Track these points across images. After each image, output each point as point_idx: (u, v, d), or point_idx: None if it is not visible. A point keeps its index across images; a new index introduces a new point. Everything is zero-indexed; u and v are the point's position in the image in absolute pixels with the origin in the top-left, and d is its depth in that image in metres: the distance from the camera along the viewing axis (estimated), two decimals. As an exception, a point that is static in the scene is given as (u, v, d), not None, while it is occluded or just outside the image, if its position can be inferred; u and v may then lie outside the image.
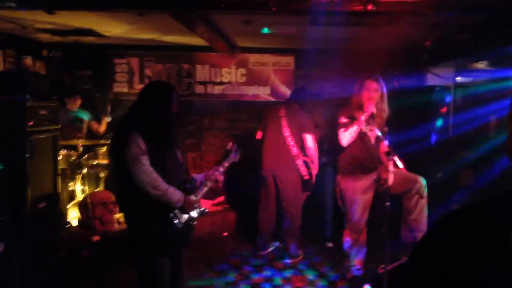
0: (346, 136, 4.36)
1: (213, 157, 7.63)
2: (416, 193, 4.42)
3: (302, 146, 5.29)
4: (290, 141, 5.21)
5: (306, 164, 5.26)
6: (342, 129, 4.38)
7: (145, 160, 3.02)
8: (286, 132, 5.21)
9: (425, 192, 4.46)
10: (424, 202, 4.49)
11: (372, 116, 4.28)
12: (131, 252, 3.27)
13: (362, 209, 4.54)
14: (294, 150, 5.20)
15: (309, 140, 5.24)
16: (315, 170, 5.34)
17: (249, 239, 5.71)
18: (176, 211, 3.18)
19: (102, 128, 7.02)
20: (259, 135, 5.55)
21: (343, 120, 4.42)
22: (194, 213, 3.29)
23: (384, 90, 4.46)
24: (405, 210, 4.55)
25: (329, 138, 5.94)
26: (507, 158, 1.16)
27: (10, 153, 4.14)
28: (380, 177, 4.50)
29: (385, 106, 4.49)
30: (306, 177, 5.25)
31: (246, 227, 6.08)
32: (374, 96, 4.37)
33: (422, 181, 4.47)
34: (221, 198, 6.81)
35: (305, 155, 5.30)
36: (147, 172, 3.01)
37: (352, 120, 4.33)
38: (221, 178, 3.54)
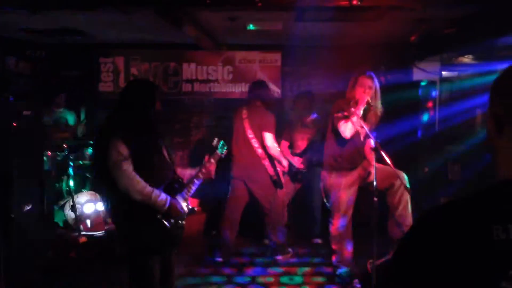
0: (348, 127, 4.32)
1: (201, 155, 7.57)
2: (399, 187, 4.43)
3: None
4: (255, 143, 5.15)
5: (272, 163, 5.22)
6: (342, 121, 4.35)
7: (127, 166, 2.96)
8: (250, 134, 5.16)
9: (407, 186, 4.47)
10: (408, 196, 4.50)
11: (368, 103, 4.29)
12: (119, 252, 3.25)
13: (347, 204, 4.55)
14: (260, 151, 5.15)
15: (268, 138, 5.12)
16: (283, 168, 5.30)
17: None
18: (164, 212, 3.14)
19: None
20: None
21: (339, 114, 4.39)
22: (182, 214, 3.26)
23: (378, 87, 4.46)
24: (390, 206, 4.56)
25: (319, 135, 5.92)
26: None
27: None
28: (366, 170, 4.51)
29: (379, 103, 4.48)
30: (274, 177, 5.23)
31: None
32: (368, 93, 4.36)
33: (404, 176, 4.47)
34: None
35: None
36: (129, 177, 2.96)
37: (347, 116, 4.32)
38: (213, 167, 3.52)
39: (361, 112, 4.28)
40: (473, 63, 7.45)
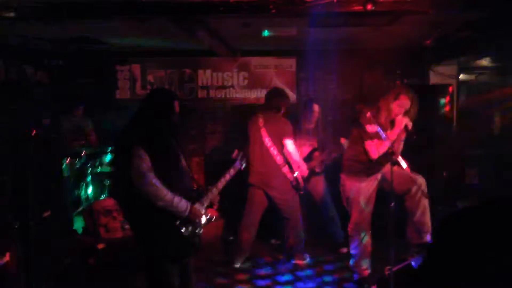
0: (377, 152, 4.29)
1: (216, 161, 7.59)
2: (417, 192, 4.38)
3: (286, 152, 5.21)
4: (273, 150, 5.13)
5: (292, 169, 5.20)
6: (373, 143, 4.28)
7: (150, 173, 3.02)
8: (268, 142, 5.14)
9: (426, 191, 4.41)
10: (426, 202, 4.44)
11: (405, 129, 4.23)
12: (138, 259, 3.27)
13: (366, 209, 4.52)
14: (279, 158, 5.14)
15: (289, 145, 5.12)
16: (303, 172, 5.27)
17: (255, 244, 5.67)
18: (183, 219, 3.17)
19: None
20: (234, 154, 5.46)
21: (371, 128, 4.24)
22: (200, 221, 3.28)
23: (416, 106, 4.37)
24: (408, 211, 4.51)
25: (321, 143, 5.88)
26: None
27: (14, 161, 4.15)
28: (384, 174, 4.47)
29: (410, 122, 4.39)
30: (294, 183, 5.21)
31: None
32: (403, 112, 4.29)
33: (422, 180, 4.43)
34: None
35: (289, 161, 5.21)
36: (151, 184, 3.01)
37: (376, 135, 4.25)
38: (216, 199, 3.51)
39: (395, 136, 4.18)
40: (491, 66, 7.39)
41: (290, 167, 5.19)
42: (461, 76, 7.44)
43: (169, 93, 3.46)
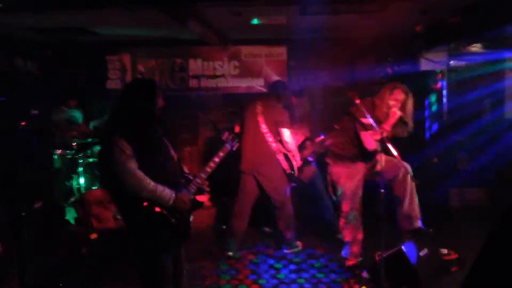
0: (373, 143, 4.34)
1: (209, 150, 7.61)
2: (404, 178, 4.42)
3: (281, 141, 5.24)
4: (269, 137, 5.16)
5: (287, 158, 5.22)
6: (368, 134, 4.33)
7: (131, 164, 2.99)
8: (264, 129, 5.17)
9: (412, 176, 4.46)
10: (413, 188, 4.48)
11: (401, 120, 4.26)
12: (131, 249, 3.27)
13: (353, 196, 4.54)
14: (274, 145, 5.16)
15: (286, 134, 5.17)
16: (297, 162, 5.30)
17: (247, 232, 5.70)
18: (170, 208, 3.16)
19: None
20: (237, 129, 5.51)
21: (365, 121, 4.28)
22: (188, 209, 3.27)
23: (411, 103, 4.42)
24: (396, 198, 4.55)
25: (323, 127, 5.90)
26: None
27: (3, 153, 4.14)
28: (372, 160, 4.50)
29: (410, 121, 4.45)
30: (289, 171, 5.22)
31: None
32: (399, 106, 4.34)
33: (408, 166, 4.46)
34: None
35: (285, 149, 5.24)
36: (132, 174, 2.98)
37: (371, 127, 4.26)
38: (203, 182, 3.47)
39: (390, 127, 4.20)
40: (481, 52, 7.40)
41: (285, 156, 5.21)
42: (452, 63, 7.45)
43: (150, 81, 3.43)
